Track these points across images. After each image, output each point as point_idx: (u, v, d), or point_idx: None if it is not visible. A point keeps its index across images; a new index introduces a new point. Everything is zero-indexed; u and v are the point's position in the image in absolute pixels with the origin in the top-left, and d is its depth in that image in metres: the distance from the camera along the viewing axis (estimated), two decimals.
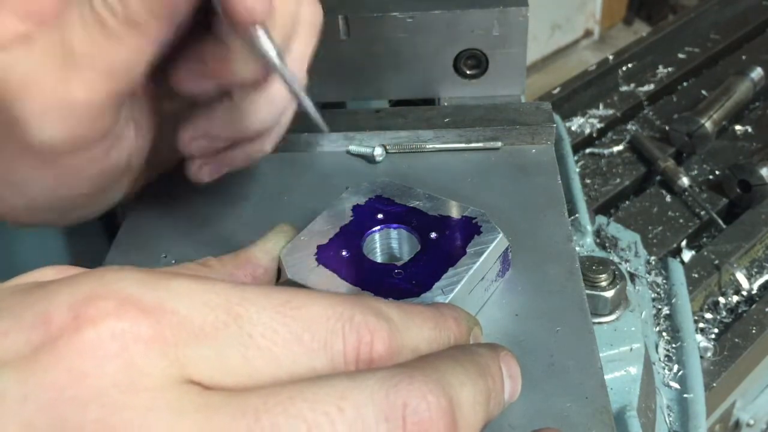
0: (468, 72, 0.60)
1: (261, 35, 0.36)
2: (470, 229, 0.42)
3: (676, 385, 0.67)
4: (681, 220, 0.89)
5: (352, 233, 0.42)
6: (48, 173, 0.39)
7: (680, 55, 1.17)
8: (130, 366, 0.22)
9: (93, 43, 0.35)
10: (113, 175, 0.42)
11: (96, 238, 0.75)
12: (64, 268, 0.27)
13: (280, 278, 0.40)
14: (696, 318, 0.77)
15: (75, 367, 0.21)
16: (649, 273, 0.79)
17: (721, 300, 0.82)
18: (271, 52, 0.36)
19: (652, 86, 1.11)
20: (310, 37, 0.43)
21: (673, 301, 0.75)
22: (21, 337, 0.22)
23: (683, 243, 0.87)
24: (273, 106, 0.44)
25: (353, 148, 0.55)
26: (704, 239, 0.89)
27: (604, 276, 0.57)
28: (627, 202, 0.95)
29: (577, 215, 0.75)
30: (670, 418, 0.65)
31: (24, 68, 0.35)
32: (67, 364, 0.21)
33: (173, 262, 0.47)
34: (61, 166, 0.39)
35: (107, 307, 0.22)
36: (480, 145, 0.54)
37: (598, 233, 0.81)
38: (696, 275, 0.81)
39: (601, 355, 0.39)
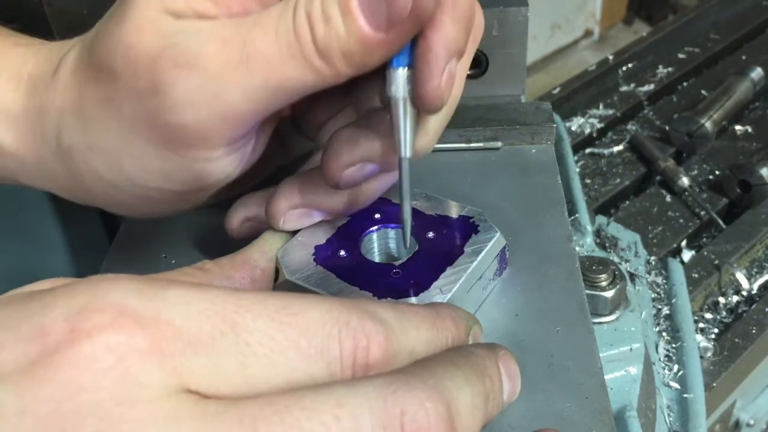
0: (468, 72, 0.60)
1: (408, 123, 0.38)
2: (468, 228, 0.42)
3: (676, 385, 0.67)
4: (681, 220, 0.89)
5: (350, 233, 0.42)
6: (153, 154, 0.37)
7: (680, 55, 1.17)
8: (126, 378, 0.22)
9: (277, 56, 0.33)
10: (206, 182, 0.40)
11: (96, 237, 0.75)
12: (60, 282, 0.27)
13: (278, 279, 0.40)
14: (696, 318, 0.77)
15: (72, 380, 0.21)
16: (649, 273, 0.78)
17: (721, 300, 0.81)
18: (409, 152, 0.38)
19: (652, 86, 1.11)
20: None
21: (673, 301, 0.74)
22: (18, 350, 0.22)
23: (683, 243, 0.87)
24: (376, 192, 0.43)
25: None
26: (704, 239, 0.89)
27: (604, 276, 0.56)
28: (627, 202, 0.95)
29: (577, 215, 0.75)
30: (670, 418, 0.65)
31: (199, 47, 0.34)
32: (63, 378, 0.21)
33: (173, 262, 0.47)
34: (172, 153, 0.37)
35: (103, 319, 0.22)
36: (480, 145, 0.54)
37: (598, 233, 0.81)
38: (696, 275, 0.81)
39: (601, 355, 0.39)
